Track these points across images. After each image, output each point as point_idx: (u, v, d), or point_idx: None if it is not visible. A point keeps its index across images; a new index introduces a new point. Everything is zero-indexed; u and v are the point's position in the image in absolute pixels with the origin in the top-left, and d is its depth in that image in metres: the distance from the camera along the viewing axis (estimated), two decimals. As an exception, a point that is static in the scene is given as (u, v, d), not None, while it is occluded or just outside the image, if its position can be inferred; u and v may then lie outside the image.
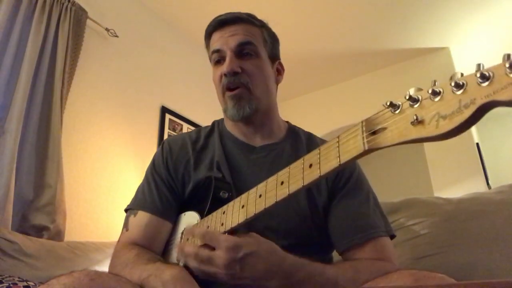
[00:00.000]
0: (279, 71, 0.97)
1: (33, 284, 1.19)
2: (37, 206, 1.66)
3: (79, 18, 2.06)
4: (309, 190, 0.84)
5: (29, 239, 1.47)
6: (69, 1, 2.00)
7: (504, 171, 4.21)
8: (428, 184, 3.16)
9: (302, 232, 0.82)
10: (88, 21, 2.14)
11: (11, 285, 1.13)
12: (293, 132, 0.96)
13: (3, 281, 1.14)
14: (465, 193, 1.18)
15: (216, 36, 0.89)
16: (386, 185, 4.37)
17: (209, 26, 0.91)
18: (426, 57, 3.40)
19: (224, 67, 0.84)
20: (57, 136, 1.80)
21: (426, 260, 1.03)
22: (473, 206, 1.06)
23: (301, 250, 0.80)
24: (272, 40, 0.94)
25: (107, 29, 2.28)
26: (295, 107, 4.03)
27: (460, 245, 1.00)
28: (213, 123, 1.00)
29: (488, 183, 3.04)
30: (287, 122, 1.01)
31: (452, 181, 2.99)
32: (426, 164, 3.21)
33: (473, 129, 3.61)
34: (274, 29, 0.98)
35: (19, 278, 1.21)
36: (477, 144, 3.17)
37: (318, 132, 0.99)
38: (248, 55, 0.86)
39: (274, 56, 0.95)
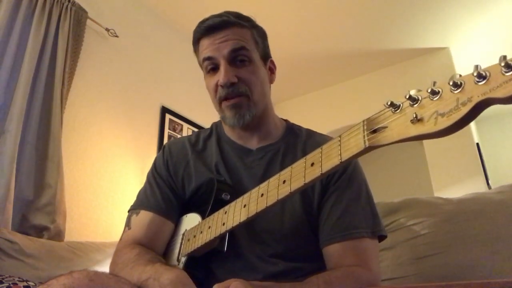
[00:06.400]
0: (272, 70, 0.95)
1: (33, 284, 1.19)
2: (37, 206, 1.66)
3: (79, 18, 2.06)
4: (304, 192, 0.82)
5: (29, 239, 1.48)
6: (69, 1, 2.00)
7: (504, 171, 4.21)
8: (428, 184, 3.16)
9: (298, 236, 0.81)
10: (88, 21, 2.14)
11: (11, 285, 1.13)
12: (291, 130, 0.95)
13: (3, 281, 1.14)
14: (465, 193, 1.17)
15: (205, 43, 0.85)
16: (386, 185, 4.37)
17: (196, 31, 0.87)
18: (426, 57, 3.40)
19: (220, 79, 0.81)
20: (57, 136, 1.80)
21: (426, 260, 1.03)
22: (473, 206, 1.06)
23: (297, 254, 0.80)
24: (263, 40, 0.91)
25: (107, 29, 2.28)
26: (296, 107, 4.03)
27: (460, 245, 1.00)
28: (212, 126, 1.00)
29: (488, 183, 3.04)
30: (285, 120, 0.99)
31: (452, 181, 2.99)
32: (426, 164, 3.21)
33: (473, 129, 3.61)
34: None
35: (19, 278, 1.21)
36: (477, 144, 3.17)
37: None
38: (242, 61, 0.84)
39: (266, 56, 0.93)
